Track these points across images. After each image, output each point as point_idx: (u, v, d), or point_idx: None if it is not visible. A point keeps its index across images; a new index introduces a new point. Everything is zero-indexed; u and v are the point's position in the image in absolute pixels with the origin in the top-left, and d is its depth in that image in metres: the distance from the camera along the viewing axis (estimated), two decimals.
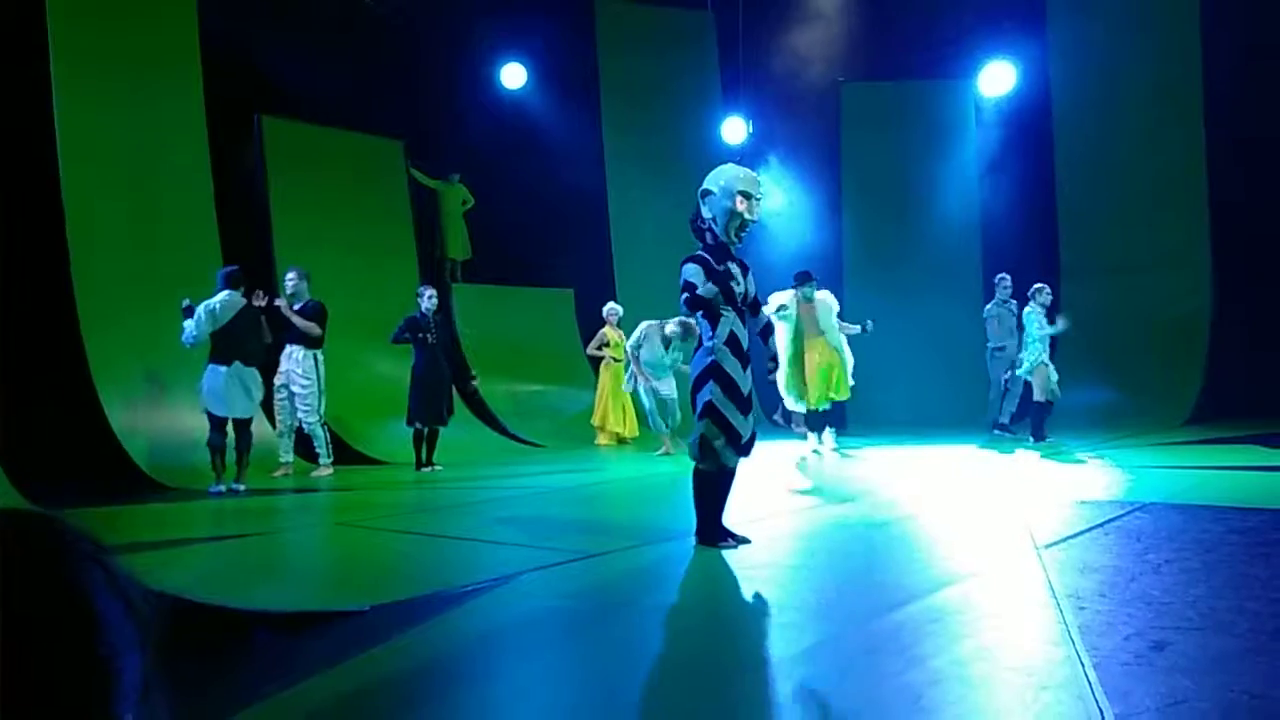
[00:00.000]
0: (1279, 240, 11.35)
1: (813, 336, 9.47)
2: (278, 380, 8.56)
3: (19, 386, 7.59)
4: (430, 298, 9.02)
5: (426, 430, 8.83)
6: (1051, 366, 9.44)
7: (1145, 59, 12.43)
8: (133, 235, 8.61)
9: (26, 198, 8.30)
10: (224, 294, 7.54)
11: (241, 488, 7.41)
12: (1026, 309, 9.58)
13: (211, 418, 7.45)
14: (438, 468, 8.79)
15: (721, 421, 4.39)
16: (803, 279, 9.53)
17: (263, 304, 8.24)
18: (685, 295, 4.43)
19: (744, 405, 4.46)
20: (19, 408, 7.42)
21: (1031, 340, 9.44)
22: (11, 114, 8.27)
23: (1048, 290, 9.63)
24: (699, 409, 4.46)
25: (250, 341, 7.64)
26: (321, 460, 8.70)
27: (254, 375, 7.67)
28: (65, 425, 8.16)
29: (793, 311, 9.27)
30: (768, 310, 9.24)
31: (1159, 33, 12.38)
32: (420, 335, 8.80)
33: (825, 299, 9.66)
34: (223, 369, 7.45)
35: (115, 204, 8.73)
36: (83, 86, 8.62)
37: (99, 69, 8.77)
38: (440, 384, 8.89)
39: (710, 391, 4.40)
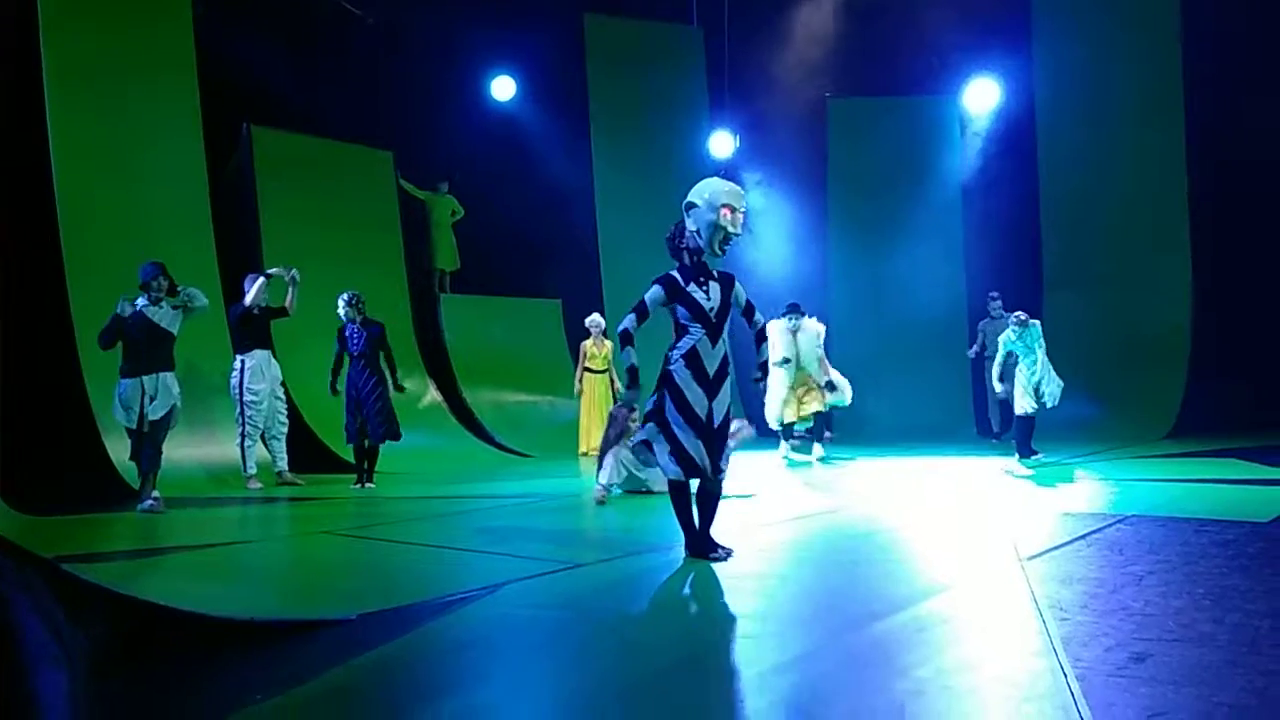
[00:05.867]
0: (1259, 255, 11.49)
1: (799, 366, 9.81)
2: (260, 385, 8.42)
3: (12, 396, 7.53)
4: (345, 305, 8.30)
5: (367, 445, 8.37)
6: (1018, 382, 8.91)
7: (1128, 76, 12.58)
8: (128, 243, 8.51)
9: (20, 205, 8.27)
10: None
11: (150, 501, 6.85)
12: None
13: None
14: (371, 485, 8.32)
15: (666, 431, 4.43)
16: (789, 310, 9.80)
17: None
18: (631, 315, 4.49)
19: (695, 422, 4.42)
20: (11, 417, 7.37)
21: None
22: (4, 121, 8.23)
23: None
24: (645, 413, 4.53)
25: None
26: (285, 466, 8.67)
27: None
28: (59, 434, 8.11)
29: (791, 352, 9.64)
30: (772, 361, 9.53)
31: (1142, 51, 12.53)
32: (343, 348, 8.29)
33: (810, 327, 9.82)
34: None
35: (110, 212, 8.68)
36: (76, 94, 8.59)
37: (93, 77, 8.72)
38: (368, 397, 8.27)
39: (658, 399, 4.48)
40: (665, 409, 4.45)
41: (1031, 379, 8.70)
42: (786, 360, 9.63)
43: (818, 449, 9.97)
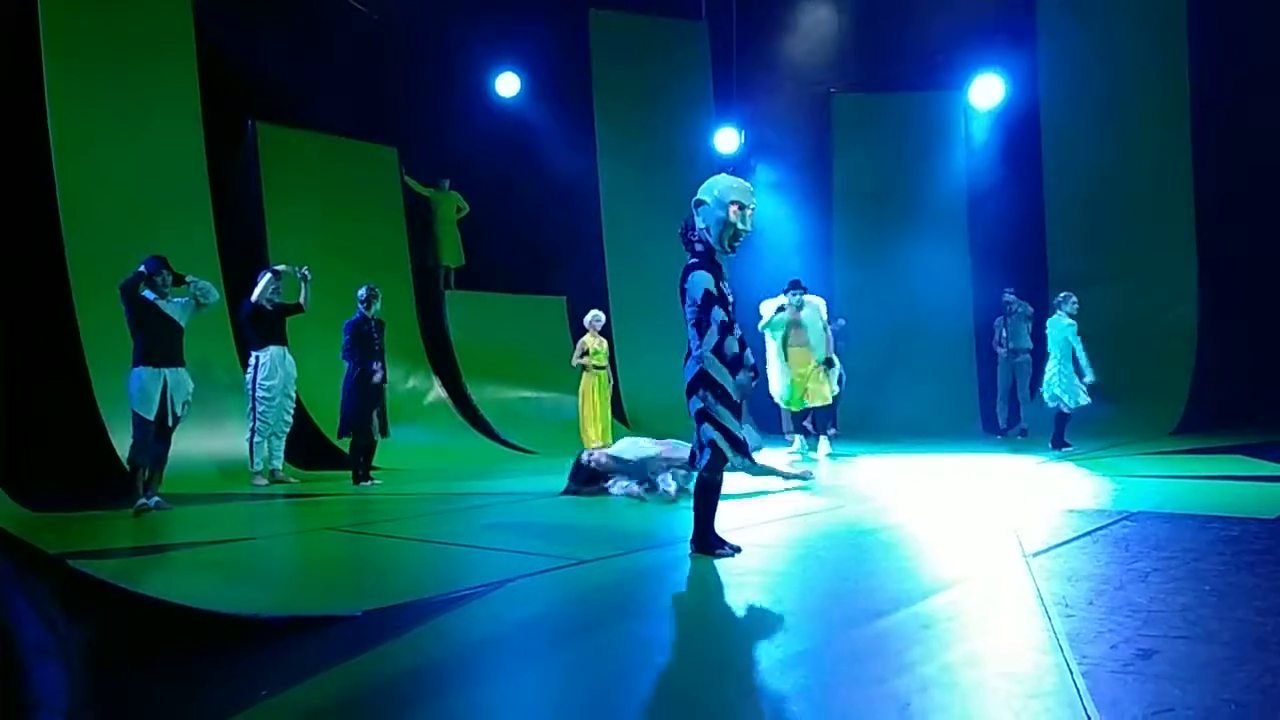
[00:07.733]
0: (1264, 251, 11.45)
1: (797, 344, 9.81)
2: (272, 382, 8.45)
3: (17, 393, 7.55)
4: (375, 298, 8.42)
5: (364, 442, 8.34)
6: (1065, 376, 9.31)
7: (1134, 73, 12.54)
8: (129, 237, 8.55)
9: (21, 198, 8.29)
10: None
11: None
12: (1056, 318, 9.39)
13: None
14: (377, 482, 8.34)
15: (719, 426, 4.43)
16: (791, 287, 9.88)
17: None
18: (699, 307, 4.39)
19: (736, 411, 4.51)
20: (17, 414, 7.39)
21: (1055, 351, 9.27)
22: (5, 113, 8.25)
23: (1074, 299, 9.45)
24: (694, 416, 4.50)
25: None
26: (283, 465, 8.69)
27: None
28: (64, 430, 8.13)
29: (786, 317, 9.72)
30: (764, 317, 9.62)
31: (1148, 47, 12.50)
32: (366, 344, 8.25)
33: (812, 303, 9.89)
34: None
35: (111, 206, 8.73)
36: (76, 86, 8.65)
37: (93, 69, 8.80)
38: (379, 393, 8.37)
39: (702, 399, 4.44)
40: (710, 408, 4.43)
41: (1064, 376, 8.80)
42: (771, 321, 9.81)
43: (824, 445, 9.98)
